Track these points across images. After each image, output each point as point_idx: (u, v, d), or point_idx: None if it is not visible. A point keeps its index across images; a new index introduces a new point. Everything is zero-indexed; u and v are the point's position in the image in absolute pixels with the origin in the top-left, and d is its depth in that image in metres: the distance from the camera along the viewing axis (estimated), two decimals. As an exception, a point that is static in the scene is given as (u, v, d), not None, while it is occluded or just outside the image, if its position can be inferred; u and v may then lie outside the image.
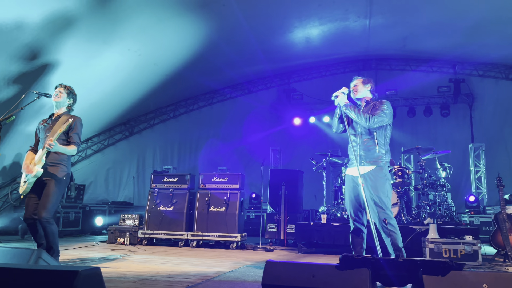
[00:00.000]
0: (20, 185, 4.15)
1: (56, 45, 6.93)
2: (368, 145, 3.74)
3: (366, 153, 3.73)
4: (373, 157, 3.70)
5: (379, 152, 3.71)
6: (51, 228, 3.93)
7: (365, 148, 3.74)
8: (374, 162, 3.68)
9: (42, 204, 3.92)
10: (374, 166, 3.67)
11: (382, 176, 3.66)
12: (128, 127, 11.93)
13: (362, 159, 3.72)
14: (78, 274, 1.76)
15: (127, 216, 7.26)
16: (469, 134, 10.33)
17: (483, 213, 8.50)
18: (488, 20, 7.90)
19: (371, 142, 3.74)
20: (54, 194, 3.97)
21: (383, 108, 3.73)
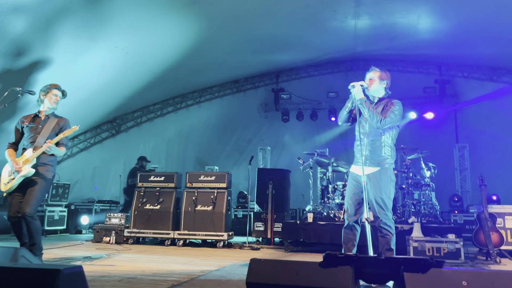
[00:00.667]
0: (2, 183, 4.10)
1: (42, 41, 6.84)
2: (375, 146, 3.67)
3: (373, 153, 3.66)
4: (379, 159, 3.64)
5: (385, 154, 3.65)
6: (35, 224, 3.95)
7: (371, 149, 3.67)
8: (380, 163, 3.63)
9: (27, 201, 3.94)
10: (379, 168, 3.63)
11: (386, 177, 3.62)
12: (115, 126, 11.83)
13: (367, 160, 3.65)
14: (60, 273, 1.75)
15: (113, 215, 7.20)
16: (454, 134, 10.50)
17: (467, 212, 8.65)
18: (474, 22, 8.04)
19: (378, 143, 3.67)
20: (40, 192, 4.02)
21: (395, 110, 3.63)
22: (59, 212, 8.58)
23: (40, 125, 4.20)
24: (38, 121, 4.25)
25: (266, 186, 7.39)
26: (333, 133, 11.37)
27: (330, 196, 6.71)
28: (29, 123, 4.23)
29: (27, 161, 4.03)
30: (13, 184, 4.02)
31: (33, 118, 4.27)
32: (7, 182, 4.05)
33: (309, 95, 11.58)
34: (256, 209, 7.65)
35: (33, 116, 4.29)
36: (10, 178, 4.05)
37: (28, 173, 4.00)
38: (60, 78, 7.66)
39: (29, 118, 4.28)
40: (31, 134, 4.18)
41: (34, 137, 4.16)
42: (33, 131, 4.18)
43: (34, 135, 4.17)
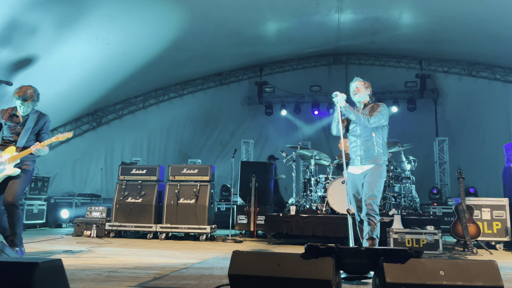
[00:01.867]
0: None
1: (20, 32, 6.64)
2: (367, 146, 4.03)
3: (366, 153, 4.03)
4: (372, 157, 4.00)
5: (377, 152, 4.01)
6: (18, 214, 3.98)
7: (365, 149, 4.04)
8: (374, 161, 4.00)
9: (10, 190, 3.97)
10: (373, 165, 3.99)
11: (379, 173, 3.99)
12: (96, 118, 11.64)
13: (362, 159, 4.03)
14: (37, 266, 1.72)
15: (94, 208, 7.11)
16: (434, 128, 10.70)
17: (445, 204, 8.85)
18: (453, 18, 8.17)
19: (370, 142, 4.03)
20: (23, 182, 4.09)
21: (380, 110, 4.03)
22: (38, 206, 8.42)
23: (19, 125, 4.18)
24: (17, 120, 4.21)
25: (249, 179, 7.40)
26: (316, 127, 11.45)
27: (312, 189, 6.76)
28: (7, 120, 4.19)
29: (12, 160, 4.04)
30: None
31: (11, 116, 4.21)
32: None
33: (293, 88, 11.61)
34: (239, 202, 7.66)
35: (12, 114, 4.22)
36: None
37: (14, 173, 4.04)
38: (38, 68, 7.52)
39: (7, 114, 4.22)
40: (11, 134, 4.16)
41: (14, 137, 4.16)
42: (13, 131, 4.16)
43: (14, 135, 4.16)
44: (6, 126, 4.17)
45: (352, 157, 4.16)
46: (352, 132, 4.20)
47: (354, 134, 4.17)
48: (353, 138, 4.17)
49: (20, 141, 4.10)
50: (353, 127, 4.20)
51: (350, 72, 11.49)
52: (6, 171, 4.01)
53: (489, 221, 5.93)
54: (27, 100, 4.12)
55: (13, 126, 4.15)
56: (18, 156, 4.05)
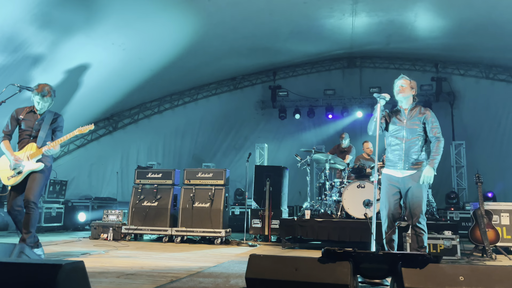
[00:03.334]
0: (5, 176, 4.15)
1: (38, 38, 6.80)
2: (413, 150, 3.89)
3: (411, 157, 3.88)
4: (416, 162, 3.87)
5: (421, 157, 3.90)
6: (35, 213, 4.07)
7: (409, 153, 3.89)
8: (417, 166, 3.86)
9: (31, 188, 4.07)
10: (416, 171, 3.84)
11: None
12: (112, 122, 11.80)
13: (406, 163, 3.87)
14: (61, 268, 1.76)
15: (111, 211, 7.20)
16: (450, 131, 10.55)
17: (463, 209, 8.71)
18: (470, 21, 8.07)
19: (416, 147, 3.90)
20: (42, 179, 4.19)
21: (438, 124, 4.01)
22: (56, 209, 8.57)
23: (37, 121, 4.30)
24: (34, 117, 4.33)
25: (264, 183, 7.41)
26: (330, 131, 11.40)
27: (327, 193, 6.74)
28: (25, 117, 4.30)
29: (33, 156, 4.16)
30: (20, 178, 4.13)
31: (28, 113, 4.33)
32: (12, 176, 4.14)
33: (306, 92, 11.59)
34: (254, 206, 7.66)
35: (29, 111, 4.35)
36: (16, 172, 4.12)
37: (38, 168, 4.15)
38: (56, 74, 7.68)
39: (24, 112, 4.33)
40: (30, 130, 4.28)
41: (33, 133, 4.27)
42: (31, 127, 4.28)
43: (33, 132, 4.27)
44: (25, 123, 4.29)
45: (394, 160, 3.95)
46: (394, 133, 3.98)
47: (397, 136, 3.97)
48: (396, 140, 3.96)
49: (40, 138, 4.23)
50: (395, 128, 3.99)
51: (364, 75, 11.44)
52: (30, 166, 4.14)
53: (508, 226, 5.82)
54: (45, 95, 4.25)
55: (31, 122, 4.28)
56: (39, 152, 4.17)
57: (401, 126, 3.96)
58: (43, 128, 4.25)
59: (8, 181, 4.13)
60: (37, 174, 4.15)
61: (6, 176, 4.15)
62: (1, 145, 4.23)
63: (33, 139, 4.24)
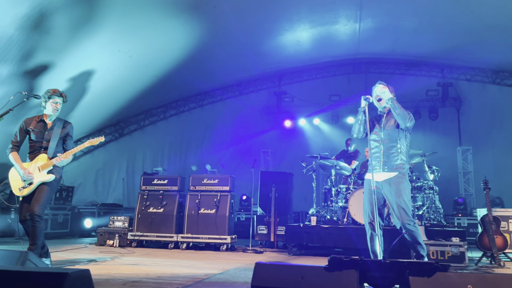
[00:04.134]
0: (16, 187, 4.17)
1: (45, 46, 6.87)
2: (391, 152, 3.91)
3: (389, 159, 3.90)
4: (395, 164, 3.88)
5: (401, 160, 3.90)
6: (40, 225, 4.06)
7: (388, 155, 3.91)
8: (397, 168, 3.87)
9: (37, 200, 4.06)
10: (396, 173, 3.86)
11: (405, 181, 3.88)
12: (118, 129, 11.86)
13: (385, 165, 3.89)
14: (67, 276, 1.77)
15: (117, 218, 7.22)
16: (457, 137, 10.49)
17: (470, 215, 8.63)
18: (475, 26, 8.05)
19: (395, 149, 3.91)
20: (49, 192, 4.17)
21: (410, 112, 4.01)
22: (63, 215, 8.60)
23: (47, 131, 4.28)
24: (44, 126, 4.30)
25: (269, 189, 7.39)
26: (335, 136, 11.37)
27: (333, 199, 6.71)
28: (35, 127, 4.28)
29: (44, 168, 4.17)
30: (32, 189, 4.14)
31: (38, 122, 4.31)
32: (23, 187, 4.15)
33: (312, 98, 11.59)
34: (259, 212, 7.65)
35: (39, 120, 4.32)
36: (27, 183, 4.14)
37: (49, 179, 4.16)
38: (63, 81, 7.75)
39: (34, 122, 4.31)
40: (41, 140, 4.26)
41: (44, 144, 4.26)
42: (41, 137, 4.26)
43: (43, 142, 4.26)
44: (35, 133, 4.27)
45: (373, 163, 3.98)
46: (374, 137, 4.04)
47: (376, 139, 4.02)
48: (375, 143, 4.01)
49: (50, 148, 4.22)
50: (375, 131, 4.05)
51: (369, 81, 11.39)
52: (41, 177, 4.13)
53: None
54: (62, 95, 4.31)
55: (41, 132, 4.27)
56: (50, 164, 4.17)
57: (379, 129, 4.03)
58: (53, 138, 4.25)
59: (20, 192, 4.15)
60: (45, 186, 4.14)
61: (17, 187, 4.16)
62: (10, 157, 4.24)
63: (44, 150, 4.23)
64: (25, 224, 4.13)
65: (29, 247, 4.05)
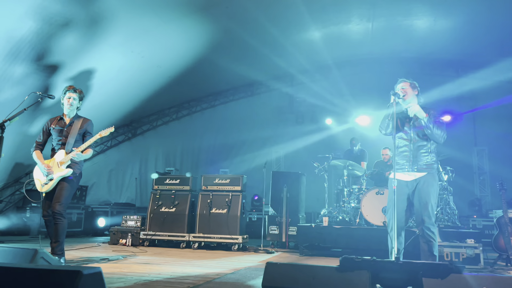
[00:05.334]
0: (39, 184, 4.28)
1: (59, 47, 6.97)
2: (421, 152, 3.78)
3: (419, 159, 3.76)
4: (425, 164, 3.75)
5: (431, 159, 3.77)
6: (63, 223, 4.16)
7: (417, 154, 3.77)
8: (427, 168, 3.74)
9: (57, 198, 4.17)
10: (425, 173, 3.73)
11: (435, 183, 3.75)
12: (131, 129, 11.96)
13: (414, 165, 3.75)
14: (80, 274, 1.78)
15: (129, 217, 7.28)
16: (472, 137, 10.32)
17: (486, 216, 8.48)
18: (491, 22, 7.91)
19: (425, 148, 3.78)
20: (68, 190, 4.26)
21: (442, 120, 3.85)
22: (77, 214, 8.71)
23: (65, 128, 4.42)
24: (63, 124, 4.46)
25: (281, 189, 7.37)
26: (348, 136, 11.28)
27: (345, 199, 6.66)
28: (56, 125, 4.44)
29: (62, 163, 4.26)
30: (52, 184, 4.25)
31: (59, 120, 4.48)
32: (45, 183, 4.27)
33: (324, 98, 11.51)
34: (271, 212, 7.63)
35: (59, 119, 4.50)
36: (48, 179, 4.24)
37: (67, 174, 4.24)
38: (77, 82, 7.85)
39: (55, 120, 4.49)
40: (59, 137, 4.41)
41: (63, 140, 4.38)
42: (61, 134, 4.41)
43: (62, 138, 4.39)
44: (55, 130, 4.42)
45: (401, 162, 3.81)
46: (402, 135, 3.86)
47: (405, 138, 3.84)
48: (404, 142, 3.83)
49: (68, 144, 4.32)
50: (403, 130, 3.87)
51: (383, 81, 11.28)
52: (60, 172, 4.23)
53: (534, 235, 5.62)
54: (76, 91, 4.44)
55: (60, 129, 4.41)
56: (68, 158, 4.25)
57: (408, 127, 3.87)
58: (72, 134, 4.36)
59: (42, 188, 4.28)
60: (65, 184, 4.24)
61: (40, 184, 4.31)
62: (33, 155, 4.41)
63: (63, 146, 4.36)
64: (48, 221, 4.24)
65: (51, 244, 4.18)
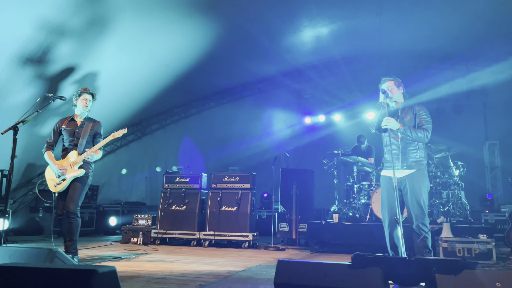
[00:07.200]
0: (51, 184, 4.36)
1: (70, 49, 7.03)
2: (409, 149, 3.82)
3: (408, 156, 3.81)
4: (414, 161, 3.80)
5: (420, 156, 3.81)
6: (76, 221, 4.27)
7: (406, 152, 3.82)
8: (416, 165, 3.79)
9: (70, 197, 4.26)
10: (415, 170, 3.77)
11: (425, 178, 3.79)
12: (140, 128, 12.03)
13: (403, 162, 3.80)
14: (95, 273, 1.81)
15: (140, 216, 7.34)
16: (483, 131, 10.21)
17: (498, 211, 8.39)
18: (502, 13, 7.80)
19: (413, 146, 3.82)
20: (82, 189, 4.36)
21: (427, 116, 3.86)
22: (89, 213, 8.80)
23: (77, 129, 4.51)
24: (75, 125, 4.55)
25: (290, 186, 7.37)
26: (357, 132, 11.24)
27: (355, 196, 6.64)
28: (67, 126, 4.52)
29: (74, 164, 4.35)
30: (65, 184, 4.34)
31: (70, 122, 4.56)
32: (58, 183, 4.36)
33: (332, 94, 11.47)
34: (280, 209, 7.64)
35: (70, 119, 4.58)
36: (61, 180, 4.33)
37: (79, 174, 4.34)
38: (86, 83, 7.92)
39: (66, 121, 4.57)
40: (71, 138, 4.49)
41: (75, 141, 4.47)
42: (72, 135, 4.49)
43: (74, 139, 4.48)
44: (66, 131, 4.50)
45: (390, 160, 3.81)
46: (391, 132, 3.83)
47: (393, 135, 3.84)
48: (392, 139, 3.83)
49: (80, 145, 4.41)
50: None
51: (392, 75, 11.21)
52: (73, 172, 4.32)
53: (547, 229, 5.56)
54: (91, 94, 4.54)
55: (72, 130, 4.49)
56: (80, 159, 4.35)
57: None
58: (83, 135, 4.45)
59: (55, 188, 4.38)
60: (77, 183, 4.34)
61: (53, 184, 4.40)
62: (45, 156, 4.50)
63: (74, 147, 4.44)
64: (62, 220, 4.33)
65: (65, 243, 4.26)
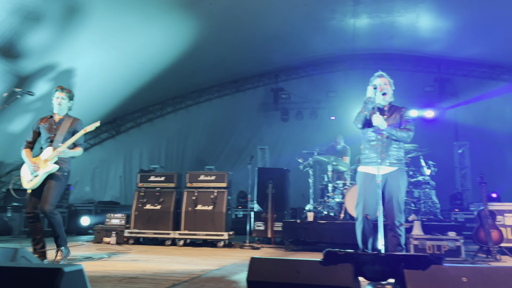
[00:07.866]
0: (25, 181, 4.28)
1: (41, 43, 6.83)
2: (393, 146, 3.86)
3: (391, 153, 3.84)
4: (396, 158, 3.84)
5: (402, 155, 3.88)
6: (56, 219, 4.25)
7: (390, 149, 3.84)
8: (397, 163, 3.84)
9: (44, 198, 4.17)
10: (396, 167, 3.82)
11: (404, 177, 3.85)
12: (115, 126, 11.82)
13: (386, 159, 3.82)
14: (60, 272, 1.76)
15: (114, 215, 7.20)
16: (454, 132, 10.51)
17: (467, 210, 8.65)
18: (472, 21, 8.05)
19: (396, 143, 3.87)
20: (56, 188, 4.25)
21: (410, 117, 3.94)
22: (60, 213, 8.56)
23: (55, 125, 4.41)
24: (53, 121, 4.45)
25: (266, 185, 7.39)
26: (332, 133, 11.36)
27: (330, 195, 6.71)
28: (45, 123, 4.43)
29: (47, 160, 4.24)
30: (38, 181, 4.22)
31: (48, 119, 4.48)
32: (31, 179, 4.25)
33: (309, 94, 11.58)
34: (256, 208, 7.65)
35: (49, 117, 4.50)
36: (33, 176, 4.23)
37: (52, 169, 4.21)
38: (59, 79, 7.71)
39: (45, 119, 4.48)
40: (48, 134, 4.38)
41: (51, 137, 4.36)
42: (49, 131, 4.38)
43: (51, 135, 4.37)
44: (44, 128, 4.40)
45: (373, 156, 3.83)
46: (376, 129, 3.87)
47: (379, 132, 3.85)
48: (377, 136, 3.86)
49: (57, 139, 4.30)
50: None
51: (367, 77, 11.36)
52: (45, 168, 4.21)
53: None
54: (64, 90, 4.44)
55: (49, 127, 4.39)
56: (52, 156, 4.23)
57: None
58: (60, 131, 4.35)
59: (28, 185, 4.27)
60: (52, 182, 4.22)
61: (26, 180, 4.30)
62: (22, 154, 4.39)
63: (50, 143, 4.33)
64: (29, 218, 4.26)
65: (54, 239, 4.33)
